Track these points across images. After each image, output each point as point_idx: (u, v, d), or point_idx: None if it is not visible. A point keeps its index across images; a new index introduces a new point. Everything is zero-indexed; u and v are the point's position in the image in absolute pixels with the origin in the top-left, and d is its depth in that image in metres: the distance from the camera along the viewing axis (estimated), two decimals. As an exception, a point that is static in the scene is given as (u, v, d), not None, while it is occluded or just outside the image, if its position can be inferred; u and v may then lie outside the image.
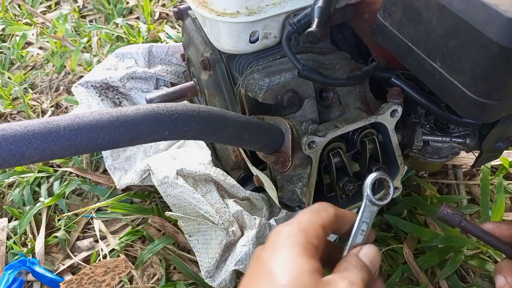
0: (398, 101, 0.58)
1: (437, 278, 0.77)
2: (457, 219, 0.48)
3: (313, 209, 0.45)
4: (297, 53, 0.62)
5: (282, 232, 0.42)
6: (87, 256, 0.87)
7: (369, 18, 0.62)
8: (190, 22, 0.79)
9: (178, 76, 1.07)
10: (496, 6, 0.40)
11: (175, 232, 0.86)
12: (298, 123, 0.58)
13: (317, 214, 0.45)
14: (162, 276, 0.82)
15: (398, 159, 0.62)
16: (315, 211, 0.45)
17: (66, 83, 1.27)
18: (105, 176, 0.99)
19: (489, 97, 0.46)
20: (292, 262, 0.39)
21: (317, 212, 0.45)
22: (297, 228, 0.42)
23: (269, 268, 0.39)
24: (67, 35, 1.38)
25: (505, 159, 0.91)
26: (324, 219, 0.44)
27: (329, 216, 0.45)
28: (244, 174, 0.82)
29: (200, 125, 0.45)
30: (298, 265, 0.39)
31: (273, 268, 0.39)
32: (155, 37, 1.37)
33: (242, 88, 0.62)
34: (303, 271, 0.38)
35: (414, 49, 0.51)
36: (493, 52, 0.42)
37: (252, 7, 0.58)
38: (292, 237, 0.41)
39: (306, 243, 0.41)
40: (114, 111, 0.41)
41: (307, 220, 0.43)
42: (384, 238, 0.82)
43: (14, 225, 0.92)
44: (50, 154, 0.38)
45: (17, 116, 1.20)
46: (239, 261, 0.72)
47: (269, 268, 0.39)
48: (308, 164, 0.58)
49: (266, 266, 0.40)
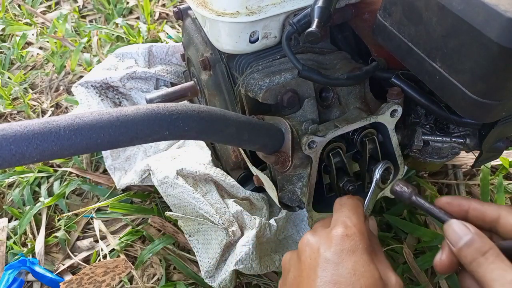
0: (398, 101, 0.58)
1: (437, 278, 0.77)
2: (407, 194, 0.51)
3: (353, 207, 0.52)
4: (297, 53, 0.62)
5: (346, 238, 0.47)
6: (87, 256, 0.87)
7: (369, 18, 0.62)
8: (190, 22, 0.79)
9: (178, 76, 1.07)
10: (496, 6, 0.40)
11: (175, 232, 0.86)
12: (298, 123, 0.58)
13: (358, 212, 0.51)
14: (162, 276, 0.82)
15: (398, 159, 0.62)
16: (356, 209, 0.51)
17: (66, 83, 1.27)
18: (105, 176, 0.99)
19: (489, 97, 0.46)
20: (366, 271, 0.45)
21: (357, 210, 0.51)
22: (359, 233, 0.47)
23: (347, 277, 0.44)
24: (67, 35, 1.38)
25: (505, 159, 0.91)
26: (362, 215, 0.51)
27: (363, 212, 0.52)
28: (244, 174, 0.82)
29: (200, 125, 0.45)
30: (371, 274, 0.45)
31: (351, 278, 0.44)
32: (155, 37, 1.37)
33: (242, 88, 0.62)
34: (376, 279, 0.44)
35: (414, 49, 0.51)
36: (493, 52, 0.42)
37: (252, 7, 0.58)
38: (357, 243, 0.46)
39: (368, 248, 0.47)
40: (114, 111, 0.41)
41: (359, 222, 0.49)
42: (384, 238, 0.82)
43: (14, 225, 0.92)
44: (50, 154, 0.38)
45: (17, 116, 1.20)
46: (239, 261, 0.72)
47: (346, 278, 0.44)
48: (308, 164, 0.58)
49: (342, 274, 0.44)
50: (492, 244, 0.44)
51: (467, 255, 0.44)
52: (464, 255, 0.45)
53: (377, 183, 0.57)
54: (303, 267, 0.48)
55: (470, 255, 0.44)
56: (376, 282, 0.44)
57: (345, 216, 0.50)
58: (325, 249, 0.47)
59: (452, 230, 0.46)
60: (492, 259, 0.43)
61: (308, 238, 0.50)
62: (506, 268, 0.42)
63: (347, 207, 0.52)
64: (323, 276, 0.45)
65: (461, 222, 0.46)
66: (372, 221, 0.55)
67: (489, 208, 0.47)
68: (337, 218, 0.50)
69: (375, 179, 0.56)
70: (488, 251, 0.43)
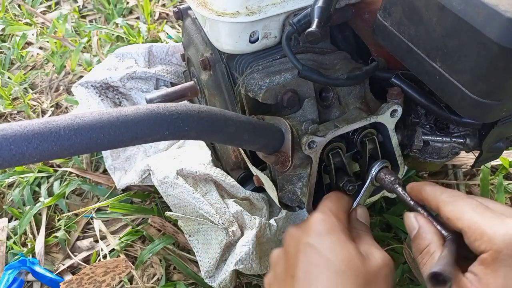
0: (398, 101, 0.58)
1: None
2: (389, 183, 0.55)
3: (336, 198, 0.56)
4: (297, 53, 0.62)
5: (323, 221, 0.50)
6: (87, 256, 0.87)
7: (369, 18, 0.62)
8: (190, 22, 0.79)
9: (178, 76, 1.07)
10: (496, 6, 0.40)
11: (175, 232, 0.86)
12: (298, 123, 0.58)
13: (340, 201, 0.55)
14: (162, 276, 0.82)
15: (398, 159, 0.62)
16: (339, 200, 0.55)
17: (66, 83, 1.27)
18: (105, 176, 0.99)
19: (489, 97, 0.46)
20: (343, 248, 0.47)
21: (339, 200, 0.55)
22: (334, 217, 0.50)
23: (326, 255, 0.46)
24: (67, 35, 1.38)
25: (505, 159, 0.91)
26: (344, 206, 0.55)
27: (346, 203, 0.56)
28: (244, 174, 0.82)
29: (200, 125, 0.45)
30: (348, 250, 0.47)
31: (329, 255, 0.46)
32: (155, 37, 1.37)
33: (242, 88, 0.62)
34: (352, 254, 0.46)
35: (414, 49, 0.51)
36: (493, 52, 0.42)
37: (252, 7, 0.58)
38: (333, 224, 0.49)
39: (344, 229, 0.50)
40: (114, 111, 0.41)
41: (336, 208, 0.53)
42: (384, 238, 0.82)
43: (14, 225, 0.92)
44: (50, 154, 0.38)
45: (17, 116, 1.20)
46: (239, 261, 0.72)
47: (325, 255, 0.46)
48: (308, 164, 0.58)
49: (321, 252, 0.47)
50: (433, 240, 0.45)
51: (413, 249, 0.47)
52: (413, 249, 0.47)
53: (372, 180, 0.58)
54: (289, 257, 0.51)
55: (414, 250, 0.47)
56: (352, 257, 0.46)
57: (324, 205, 0.53)
58: (305, 236, 0.50)
59: (405, 222, 0.49)
60: (426, 259, 0.45)
61: (290, 231, 0.53)
62: None
63: (328, 199, 0.55)
64: (304, 259, 0.48)
65: (412, 215, 0.48)
66: (361, 210, 0.57)
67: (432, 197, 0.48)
68: (317, 209, 0.54)
69: (370, 176, 0.58)
70: (425, 249, 0.45)
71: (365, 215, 0.57)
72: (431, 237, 0.45)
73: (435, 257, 0.43)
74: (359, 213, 0.56)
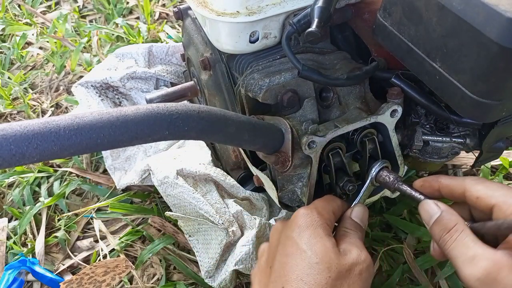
0: (398, 101, 0.58)
1: (437, 278, 0.77)
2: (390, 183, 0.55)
3: (326, 198, 0.57)
4: (297, 53, 0.62)
5: (304, 215, 0.51)
6: (87, 256, 0.87)
7: (369, 18, 0.62)
8: (190, 22, 0.79)
9: (178, 76, 1.07)
10: (496, 6, 0.40)
11: (175, 232, 0.86)
12: (298, 123, 0.58)
13: (329, 202, 0.56)
14: (162, 276, 0.82)
15: (398, 159, 0.62)
16: (328, 200, 0.56)
17: (66, 83, 1.27)
18: (105, 176, 0.99)
19: (489, 97, 0.46)
20: (319, 241, 0.49)
21: (328, 201, 0.56)
22: (317, 213, 0.52)
23: (301, 247, 0.48)
24: (67, 35, 1.38)
25: (505, 159, 0.91)
26: (333, 207, 0.56)
27: (337, 205, 0.56)
28: (244, 174, 0.82)
29: (200, 125, 0.45)
30: (323, 243, 0.48)
31: (305, 247, 0.48)
32: (155, 37, 1.37)
33: (242, 88, 0.62)
34: (327, 247, 0.48)
35: (414, 49, 0.51)
36: (493, 52, 0.42)
37: (252, 7, 0.58)
38: (314, 220, 0.51)
39: (324, 225, 0.51)
40: (114, 111, 0.41)
41: (322, 206, 0.54)
42: (384, 238, 0.82)
43: (14, 225, 0.92)
44: (50, 154, 0.38)
45: (17, 116, 1.20)
46: (239, 261, 0.72)
47: (301, 247, 0.48)
48: (308, 164, 0.58)
49: (298, 245, 0.49)
50: (459, 220, 0.45)
51: (435, 232, 0.46)
52: (433, 233, 0.46)
53: (372, 180, 0.59)
54: (270, 249, 0.54)
55: (437, 232, 0.46)
56: (327, 250, 0.48)
57: (312, 203, 0.55)
58: (286, 229, 0.52)
59: (423, 209, 0.49)
60: (456, 236, 0.44)
61: (276, 225, 0.57)
62: (467, 243, 0.43)
63: (319, 199, 0.57)
64: (282, 250, 0.50)
65: (432, 201, 0.48)
66: (358, 209, 0.57)
67: (456, 182, 0.49)
68: None
69: (370, 176, 0.58)
70: (453, 228, 0.45)
71: (362, 214, 0.57)
72: (456, 217, 0.45)
73: (467, 233, 0.43)
74: (354, 212, 0.57)
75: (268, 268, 0.52)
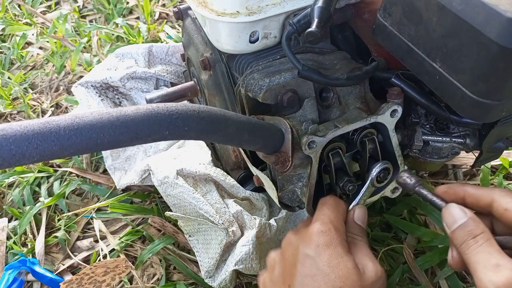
0: (398, 101, 0.58)
1: (437, 278, 0.77)
2: (411, 186, 0.54)
3: (335, 207, 0.55)
4: (297, 53, 0.62)
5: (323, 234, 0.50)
6: (87, 256, 0.87)
7: (369, 18, 0.62)
8: (190, 22, 0.79)
9: (178, 76, 1.07)
10: (496, 6, 0.40)
11: (175, 232, 0.86)
12: (298, 123, 0.58)
13: (337, 210, 0.55)
14: (162, 276, 0.82)
15: (398, 159, 0.62)
16: (337, 209, 0.55)
17: (66, 83, 1.27)
18: (105, 176, 0.99)
19: (489, 97, 0.46)
20: (340, 263, 0.48)
21: (338, 209, 0.55)
22: (334, 230, 0.51)
23: (324, 270, 0.48)
24: (67, 35, 1.38)
25: (505, 159, 0.91)
26: (342, 214, 0.55)
27: (343, 210, 0.56)
28: (244, 174, 0.82)
29: (200, 125, 0.45)
30: (345, 265, 0.48)
31: (327, 270, 0.48)
32: (155, 37, 1.37)
33: (242, 88, 0.62)
34: (349, 269, 0.48)
35: (414, 49, 0.51)
36: (493, 52, 0.42)
37: (252, 7, 0.58)
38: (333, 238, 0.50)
39: (342, 241, 0.50)
40: (114, 111, 0.41)
41: (335, 218, 0.53)
42: (384, 238, 0.82)
43: (14, 225, 0.92)
44: (50, 154, 0.38)
45: (17, 116, 1.20)
46: (239, 261, 0.72)
47: (323, 270, 0.48)
48: (308, 164, 0.58)
49: (319, 266, 0.48)
50: (485, 229, 0.45)
51: (458, 237, 0.45)
52: (455, 237, 0.46)
53: (372, 181, 0.59)
54: (286, 263, 0.52)
55: (461, 237, 0.45)
56: (349, 272, 0.47)
57: (323, 214, 0.54)
58: (303, 246, 0.51)
59: (448, 213, 0.48)
60: (481, 242, 0.43)
61: (289, 237, 0.54)
62: (492, 252, 0.42)
63: (327, 206, 0.55)
64: (302, 270, 0.49)
65: (459, 206, 0.47)
66: (359, 210, 0.57)
67: (483, 192, 0.48)
68: (316, 216, 0.54)
69: (370, 177, 0.59)
70: (479, 235, 0.44)
71: (363, 216, 0.57)
72: (483, 226, 0.45)
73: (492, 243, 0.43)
74: (356, 214, 0.57)
75: (285, 285, 0.51)
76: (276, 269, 0.54)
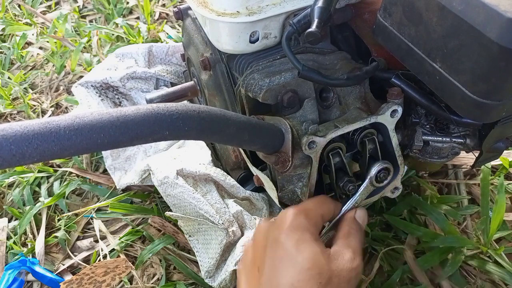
0: (398, 101, 0.58)
1: (438, 278, 0.77)
2: None
3: (317, 200, 0.57)
4: (297, 53, 0.62)
5: (291, 217, 0.51)
6: (87, 256, 0.87)
7: (369, 18, 0.62)
8: (190, 22, 0.79)
9: (178, 76, 1.07)
10: (496, 6, 0.40)
11: (175, 232, 0.86)
12: (298, 123, 0.58)
13: (320, 205, 0.56)
14: (162, 276, 0.82)
15: (398, 159, 0.62)
16: (319, 202, 0.56)
17: (66, 83, 1.27)
18: (105, 176, 0.99)
19: (489, 97, 0.46)
20: (308, 246, 0.49)
21: (319, 203, 0.56)
22: (304, 216, 0.52)
23: (291, 252, 0.48)
24: (67, 35, 1.38)
25: (505, 159, 0.91)
26: (323, 210, 0.55)
27: (327, 208, 0.56)
28: (244, 174, 0.82)
29: (200, 125, 0.45)
30: (312, 248, 0.48)
31: (294, 253, 0.48)
32: (155, 37, 1.37)
33: (242, 88, 0.62)
34: (317, 252, 0.48)
35: (414, 49, 0.51)
36: (493, 52, 0.42)
37: (252, 7, 0.58)
38: (301, 222, 0.51)
39: (311, 229, 0.51)
40: (114, 111, 0.41)
41: (311, 208, 0.54)
42: (384, 238, 0.82)
43: (14, 225, 0.92)
44: (50, 154, 0.38)
45: (17, 116, 1.20)
46: (239, 261, 0.72)
47: (291, 252, 0.48)
48: (308, 164, 0.58)
49: (287, 249, 0.49)
50: None
51: None
52: None
53: (371, 180, 0.59)
54: (256, 247, 0.53)
55: None
56: (315, 255, 0.48)
57: (302, 204, 0.55)
58: (273, 229, 0.52)
59: None
60: None
61: (261, 224, 0.56)
62: None
63: (311, 199, 0.57)
64: (270, 253, 0.50)
65: None
66: (361, 211, 0.58)
67: None
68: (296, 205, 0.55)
69: (369, 176, 0.59)
70: None
71: (363, 216, 0.58)
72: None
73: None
74: (358, 214, 0.58)
75: (256, 268, 0.51)
76: (249, 253, 0.55)
